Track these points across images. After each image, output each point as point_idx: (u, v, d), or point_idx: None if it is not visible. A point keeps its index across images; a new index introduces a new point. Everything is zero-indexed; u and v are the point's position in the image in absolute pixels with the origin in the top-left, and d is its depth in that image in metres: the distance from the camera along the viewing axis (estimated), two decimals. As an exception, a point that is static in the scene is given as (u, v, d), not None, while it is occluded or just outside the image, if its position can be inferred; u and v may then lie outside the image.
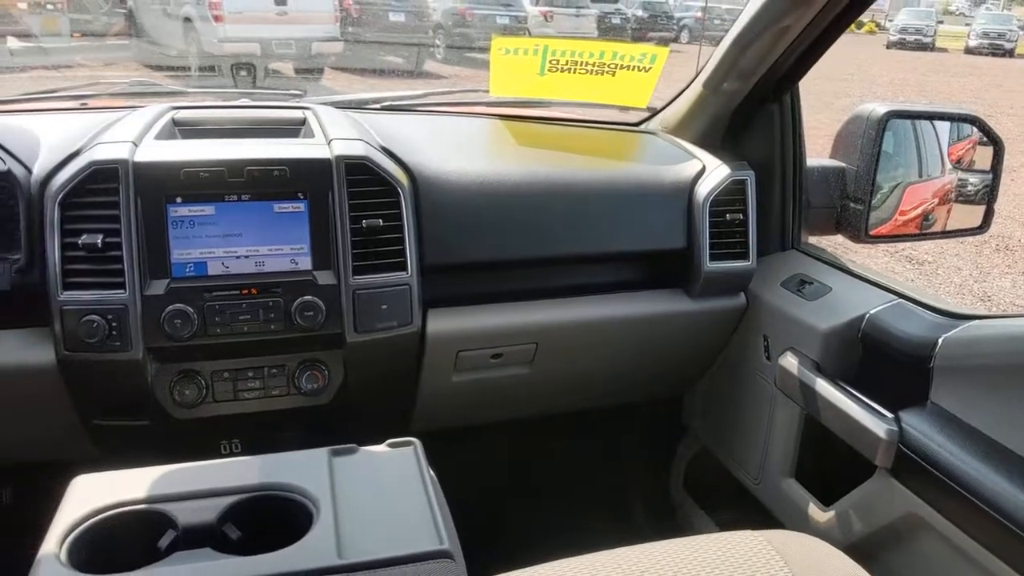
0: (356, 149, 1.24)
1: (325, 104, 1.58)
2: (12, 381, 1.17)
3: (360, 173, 1.22)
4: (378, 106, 1.72)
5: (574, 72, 1.60)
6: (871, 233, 1.43)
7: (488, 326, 1.35)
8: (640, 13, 12.69)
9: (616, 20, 11.99)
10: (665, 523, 1.80)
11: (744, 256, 1.43)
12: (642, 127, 1.72)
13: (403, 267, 1.24)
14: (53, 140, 1.24)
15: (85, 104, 1.67)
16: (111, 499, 0.84)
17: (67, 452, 1.31)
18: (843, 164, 1.45)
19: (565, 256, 1.39)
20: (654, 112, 1.72)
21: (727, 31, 1.41)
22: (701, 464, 1.75)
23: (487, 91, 1.80)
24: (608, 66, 1.57)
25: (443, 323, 1.32)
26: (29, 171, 1.17)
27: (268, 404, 1.25)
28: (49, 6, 9.44)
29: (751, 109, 1.47)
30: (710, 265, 1.40)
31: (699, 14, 13.28)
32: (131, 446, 1.26)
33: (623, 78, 1.60)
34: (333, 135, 1.27)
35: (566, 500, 1.86)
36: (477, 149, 1.51)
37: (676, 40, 12.82)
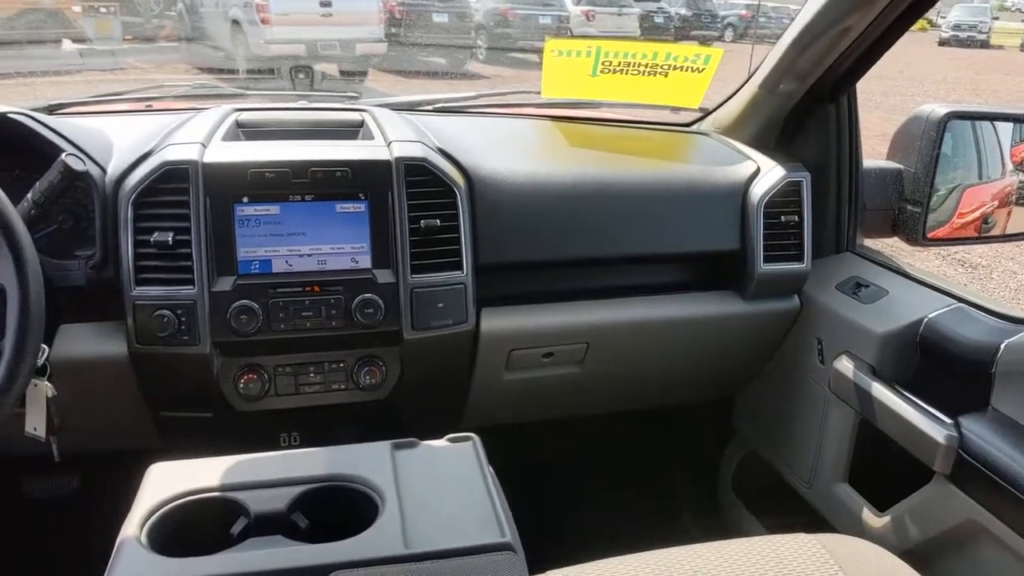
0: (415, 151, 1.27)
1: (380, 106, 1.61)
2: (86, 372, 1.22)
3: (419, 174, 1.25)
4: (431, 108, 1.75)
5: (626, 73, 1.61)
6: (928, 236, 1.41)
7: (540, 325, 1.37)
8: (684, 12, 12.58)
9: (659, 19, 11.89)
10: (711, 525, 1.80)
11: (799, 258, 1.42)
12: (693, 128, 1.72)
13: (459, 266, 1.27)
14: (125, 141, 1.29)
15: (150, 106, 1.74)
16: (186, 487, 0.88)
17: (134, 442, 1.37)
18: (900, 166, 1.43)
19: (617, 256, 1.40)
20: (705, 113, 1.72)
21: (773, 29, 1.41)
22: (749, 466, 1.74)
23: (536, 92, 1.82)
24: (661, 67, 1.58)
25: (496, 322, 1.33)
26: (104, 171, 1.21)
27: (328, 398, 1.28)
28: (102, 9, 9.74)
29: (807, 110, 1.46)
30: (764, 267, 1.40)
31: (744, 12, 13.10)
32: (194, 437, 1.30)
33: (676, 79, 1.60)
34: (392, 137, 1.30)
35: (611, 499, 1.86)
36: (530, 150, 1.53)
37: (720, 39, 12.67)
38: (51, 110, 1.49)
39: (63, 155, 1.07)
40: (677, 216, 1.41)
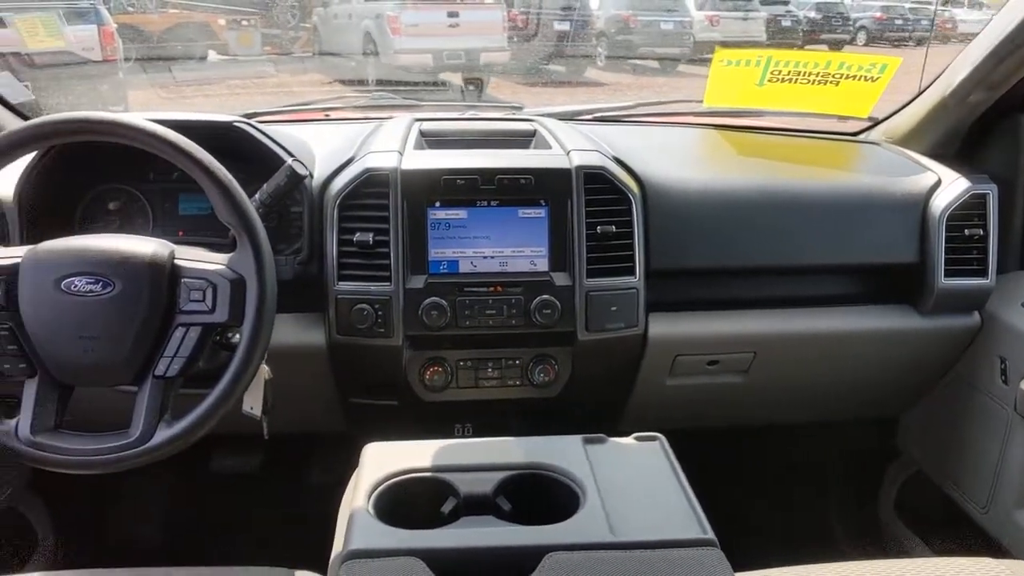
0: (593, 159, 1.32)
1: (544, 116, 1.68)
2: (288, 359, 1.34)
3: (597, 182, 1.29)
4: (590, 117, 1.80)
5: (795, 82, 1.60)
6: None
7: (708, 332, 1.38)
8: (813, 14, 12.09)
9: (786, 22, 11.47)
10: (869, 544, 1.75)
11: (982, 273, 1.37)
12: (861, 137, 1.69)
13: (632, 271, 1.30)
14: (325, 148, 1.41)
15: (328, 115, 1.88)
16: (402, 465, 0.95)
17: (322, 425, 1.49)
18: None
19: (789, 266, 1.40)
20: (875, 122, 1.68)
21: (911, 31, 1.36)
22: (914, 487, 1.68)
23: (692, 100, 1.84)
24: (833, 76, 1.56)
25: (664, 327, 1.36)
26: (311, 176, 1.33)
27: (503, 393, 1.35)
28: (244, 22, 10.44)
29: (994, 120, 1.41)
30: (944, 281, 1.36)
31: (879, 15, 12.42)
32: (377, 422, 1.40)
33: (846, 88, 1.58)
34: (571, 146, 1.36)
35: (761, 511, 1.84)
36: (700, 158, 1.55)
37: (852, 42, 12.09)
38: (248, 118, 1.64)
39: (289, 161, 1.18)
40: (851, 227, 1.39)
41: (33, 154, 1.22)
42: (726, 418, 1.58)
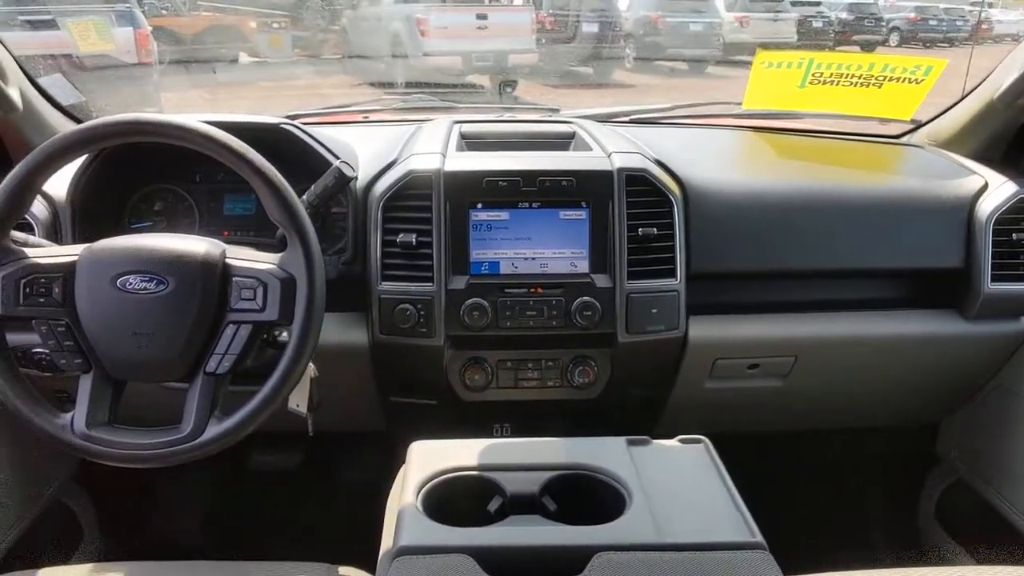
0: (635, 162, 1.32)
1: (582, 118, 1.68)
2: (331, 358, 1.35)
3: (638, 184, 1.30)
4: (627, 119, 1.80)
5: (837, 84, 1.59)
6: None
7: (749, 336, 1.38)
8: (844, 15, 11.94)
9: (818, 23, 11.35)
10: (907, 550, 1.73)
11: None
12: (903, 140, 1.67)
13: (672, 274, 1.30)
14: (368, 151, 1.43)
15: (367, 117, 1.90)
16: (448, 464, 0.96)
17: (362, 424, 1.50)
18: None
19: (831, 270, 1.38)
20: (917, 124, 1.66)
21: (945, 32, 1.34)
22: (954, 494, 1.66)
23: (730, 102, 1.83)
24: (876, 78, 1.55)
25: (705, 330, 1.36)
26: (356, 177, 1.35)
27: (543, 394, 1.36)
28: (275, 25, 10.57)
29: (1043, 123, 1.39)
30: (991, 286, 1.34)
31: (913, 15, 12.22)
32: (415, 421, 1.41)
33: (889, 90, 1.56)
34: (612, 149, 1.36)
35: (798, 516, 1.83)
36: (740, 161, 1.54)
37: (885, 43, 11.94)
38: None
39: (337, 162, 1.20)
40: (894, 230, 1.37)
41: (85, 155, 1.26)
42: (763, 422, 1.57)
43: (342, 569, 1.09)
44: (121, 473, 1.06)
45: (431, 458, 0.98)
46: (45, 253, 1.03)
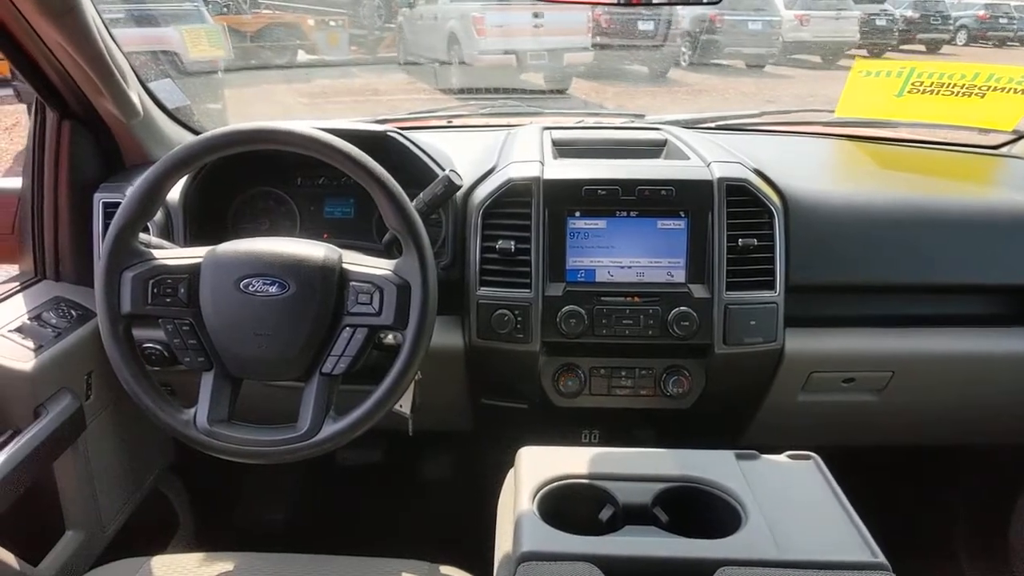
0: (736, 171, 1.31)
1: (667, 124, 1.68)
2: (428, 360, 1.38)
3: (739, 194, 1.29)
4: (713, 125, 1.79)
5: (936, 94, 1.55)
6: None
7: (846, 349, 1.36)
8: (910, 13, 11.59)
9: (881, 22, 11.05)
10: (998, 572, 1.68)
11: None
12: (1003, 151, 1.63)
13: (771, 286, 1.29)
14: (465, 157, 1.45)
15: (450, 122, 1.92)
16: (559, 471, 0.98)
17: (450, 424, 1.53)
18: None
19: (933, 285, 1.36)
20: (1020, 135, 1.61)
21: (1016, 31, 1.29)
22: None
23: (819, 110, 1.80)
24: (979, 88, 1.51)
25: (801, 342, 1.34)
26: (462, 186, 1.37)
27: (635, 402, 1.36)
28: (332, 23, 10.74)
29: None
30: None
31: (982, 13, 11.80)
32: (504, 424, 1.44)
33: (992, 100, 1.52)
34: (711, 158, 1.35)
35: (895, 533, 1.80)
36: (838, 171, 1.52)
37: (951, 42, 11.57)
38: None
39: (447, 171, 1.22)
40: (998, 245, 1.34)
41: None
42: (854, 437, 1.54)
43: (443, 568, 1.11)
44: (215, 463, 1.09)
45: (542, 464, 0.99)
46: (170, 255, 1.07)
